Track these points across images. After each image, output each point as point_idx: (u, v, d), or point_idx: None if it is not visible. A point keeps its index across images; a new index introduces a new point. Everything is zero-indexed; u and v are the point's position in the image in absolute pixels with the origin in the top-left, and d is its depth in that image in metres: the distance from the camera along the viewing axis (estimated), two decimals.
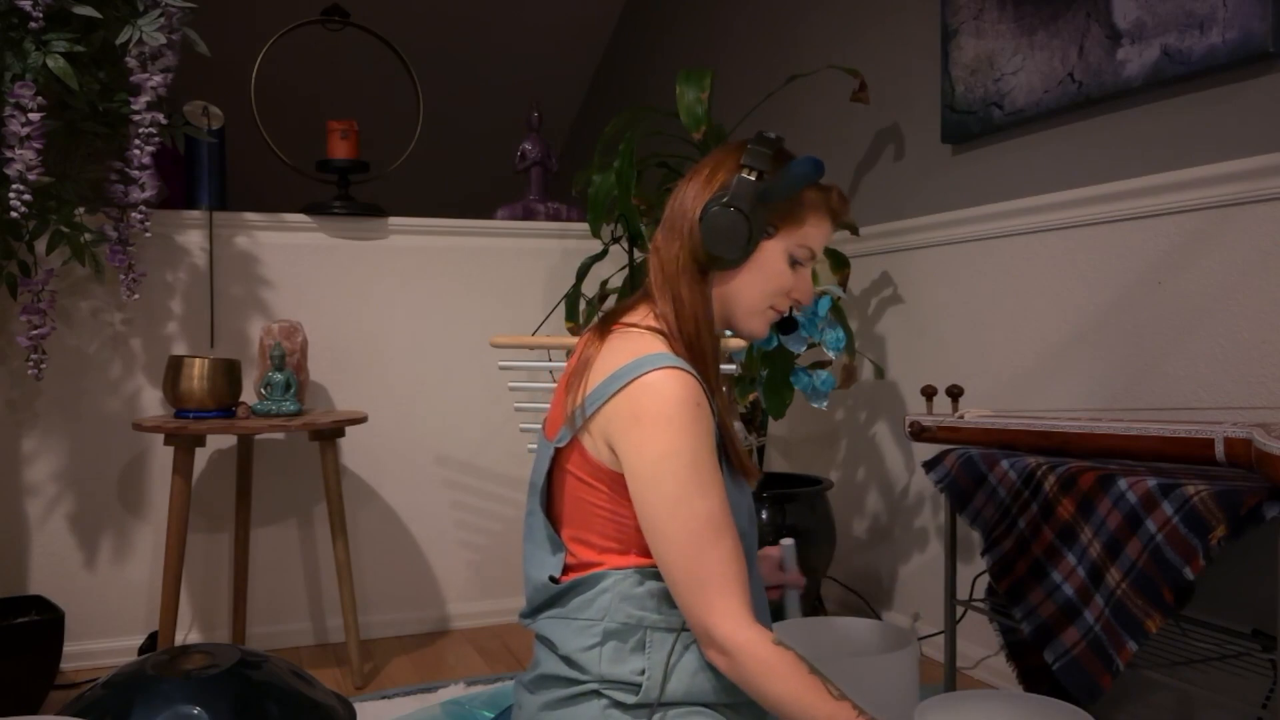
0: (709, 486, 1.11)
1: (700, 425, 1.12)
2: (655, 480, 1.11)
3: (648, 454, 1.11)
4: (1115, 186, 1.93)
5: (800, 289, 1.25)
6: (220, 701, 1.50)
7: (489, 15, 4.38)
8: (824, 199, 1.24)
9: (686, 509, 1.10)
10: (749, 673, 1.08)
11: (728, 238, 1.19)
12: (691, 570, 1.10)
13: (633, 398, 1.12)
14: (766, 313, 1.25)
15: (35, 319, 2.18)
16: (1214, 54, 1.72)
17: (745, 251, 1.20)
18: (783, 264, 1.23)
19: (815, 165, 1.22)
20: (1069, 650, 1.51)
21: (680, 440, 1.11)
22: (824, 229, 1.25)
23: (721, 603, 1.09)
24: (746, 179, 1.19)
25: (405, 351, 2.75)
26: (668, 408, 1.11)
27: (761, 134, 1.25)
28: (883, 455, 2.66)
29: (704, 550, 1.10)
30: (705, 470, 1.12)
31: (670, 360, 1.14)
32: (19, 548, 2.41)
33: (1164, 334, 1.85)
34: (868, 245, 2.68)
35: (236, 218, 2.58)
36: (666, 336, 1.20)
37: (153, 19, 2.00)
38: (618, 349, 1.18)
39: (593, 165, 2.54)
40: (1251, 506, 1.30)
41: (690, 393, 1.12)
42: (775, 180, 1.20)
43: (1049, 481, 1.61)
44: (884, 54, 2.65)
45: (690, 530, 1.10)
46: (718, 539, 1.10)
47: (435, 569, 2.78)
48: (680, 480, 1.10)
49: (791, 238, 1.23)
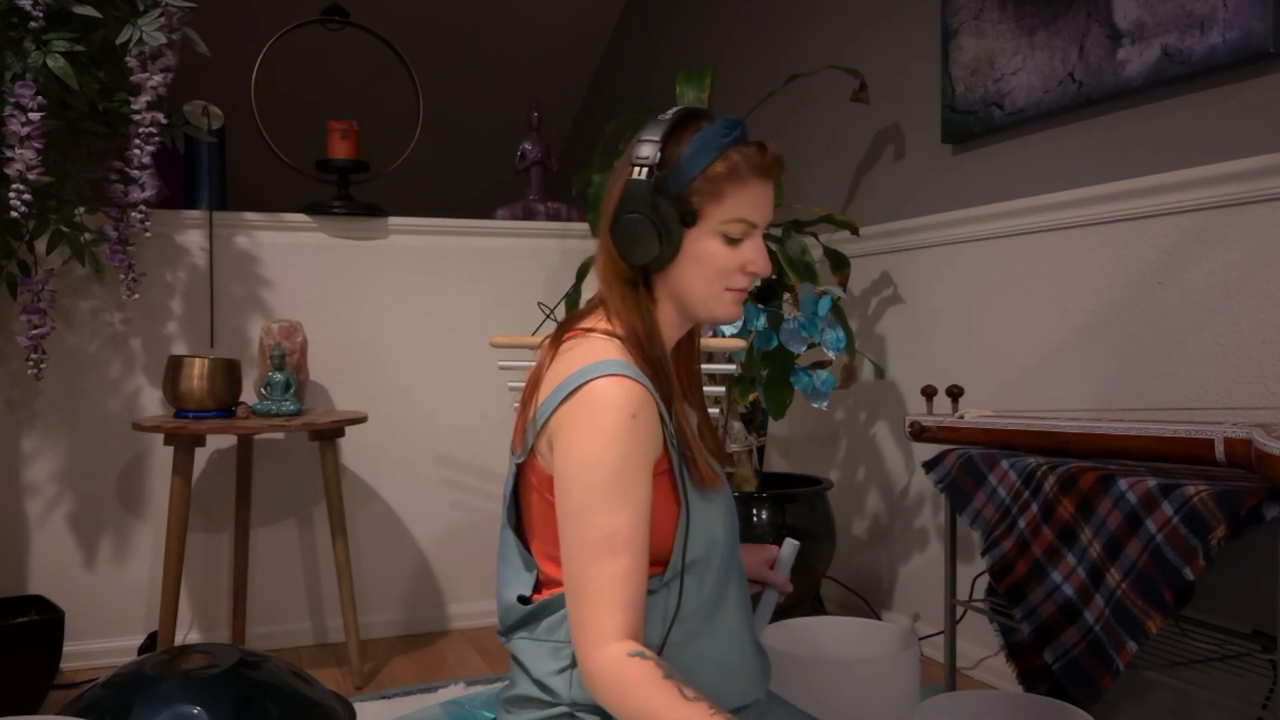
0: (621, 504, 1.05)
1: (633, 437, 1.06)
2: (568, 487, 1.07)
3: (570, 459, 1.07)
4: (1115, 186, 1.93)
5: (752, 261, 1.14)
6: (220, 701, 1.50)
7: (489, 15, 4.38)
8: (739, 162, 1.11)
9: (589, 520, 1.05)
10: (600, 691, 1.03)
11: (637, 244, 1.11)
12: (578, 583, 1.05)
13: (571, 406, 1.08)
14: (724, 295, 1.16)
15: (35, 319, 2.18)
16: (1214, 54, 1.72)
17: (665, 250, 1.11)
18: (717, 246, 1.13)
19: (721, 131, 1.11)
20: (1069, 650, 1.51)
21: (604, 451, 1.05)
22: (752, 193, 1.12)
23: (592, 621, 1.04)
24: (636, 179, 1.11)
25: (405, 351, 2.74)
26: (598, 416, 1.06)
27: (657, 116, 1.14)
28: (883, 455, 2.66)
29: (593, 565, 1.04)
30: (625, 486, 1.05)
31: (616, 367, 1.09)
32: (19, 548, 2.41)
33: (1164, 334, 1.85)
34: (868, 245, 2.68)
35: (236, 218, 2.58)
36: (624, 340, 1.14)
37: (153, 19, 2.00)
38: (567, 357, 1.13)
39: (593, 165, 2.54)
40: (1251, 506, 1.30)
41: (627, 402, 1.06)
42: (672, 168, 1.11)
43: (1049, 482, 1.61)
44: (884, 54, 2.65)
45: (585, 543, 1.05)
46: (612, 557, 1.04)
47: (435, 569, 2.78)
48: (591, 491, 1.05)
49: (716, 216, 1.12)
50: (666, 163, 1.11)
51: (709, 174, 1.11)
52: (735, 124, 1.12)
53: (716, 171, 1.11)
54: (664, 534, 1.12)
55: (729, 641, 1.18)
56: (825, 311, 2.16)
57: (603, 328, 1.16)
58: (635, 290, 1.15)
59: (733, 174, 1.11)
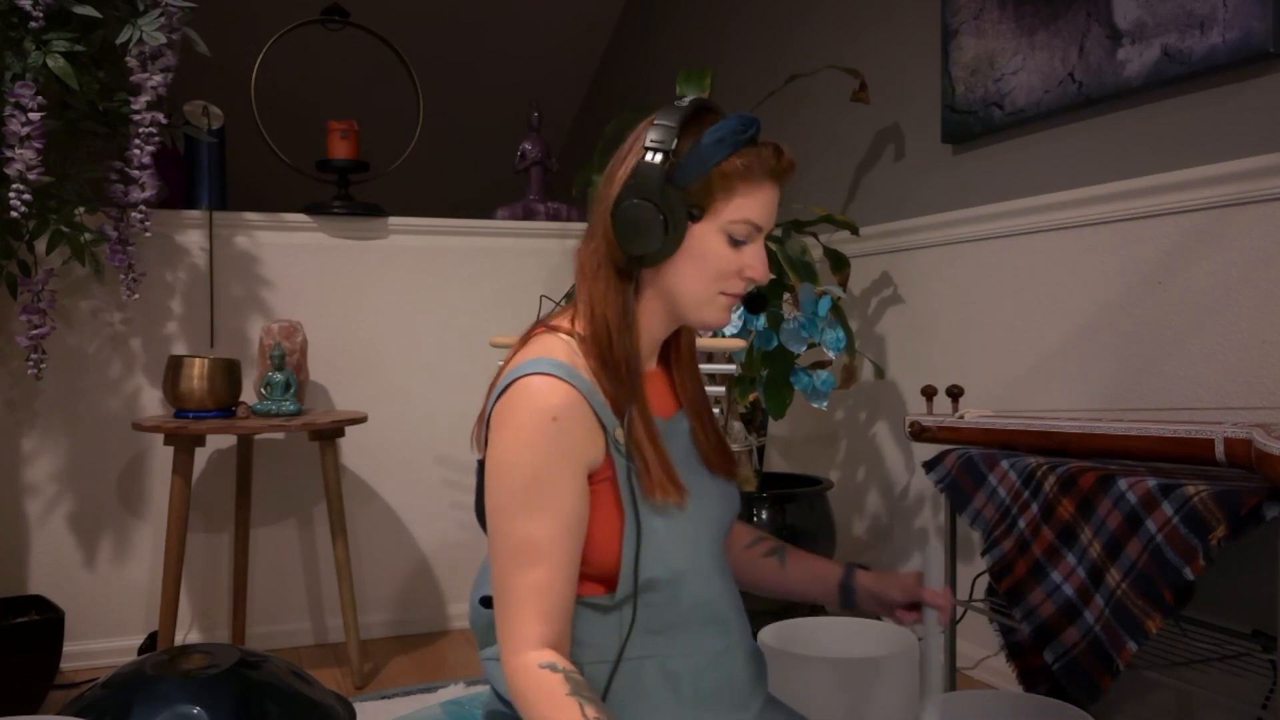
0: (538, 511, 1.01)
1: (555, 442, 1.02)
2: (489, 487, 1.04)
3: (491, 459, 1.04)
4: (1115, 186, 1.93)
5: (751, 266, 1.09)
6: (220, 701, 1.50)
7: (489, 15, 4.38)
8: (755, 162, 1.06)
9: (506, 525, 1.03)
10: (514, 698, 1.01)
11: (640, 233, 1.05)
12: (498, 588, 1.04)
13: (501, 404, 1.05)
14: (717, 299, 1.10)
15: (35, 319, 2.18)
16: (1214, 54, 1.72)
17: (667, 243, 1.06)
18: (720, 246, 1.07)
19: (739, 126, 1.06)
20: (1069, 650, 1.51)
21: (523, 454, 1.02)
22: (762, 195, 1.07)
23: (508, 628, 1.02)
24: (649, 163, 1.05)
25: (405, 351, 2.74)
26: (518, 416, 1.03)
27: (673, 103, 1.09)
28: (883, 455, 2.66)
29: (510, 573, 1.02)
30: (544, 492, 1.01)
31: (547, 366, 1.04)
32: (19, 548, 2.41)
33: (1164, 334, 1.85)
34: (868, 245, 2.68)
35: (236, 217, 2.58)
36: (585, 339, 1.09)
37: (153, 19, 2.00)
38: (518, 354, 1.10)
39: (593, 165, 2.54)
40: (1251, 506, 1.30)
41: (549, 404, 1.02)
42: (686, 158, 1.05)
43: (1049, 482, 1.61)
44: (884, 54, 2.65)
45: (503, 548, 1.03)
46: (529, 566, 1.01)
47: (435, 569, 2.78)
48: (508, 494, 1.02)
49: (723, 214, 1.06)
50: (680, 151, 1.06)
51: (723, 169, 1.05)
52: (753, 121, 1.08)
53: (732, 167, 1.05)
54: (607, 548, 1.07)
55: (713, 663, 1.13)
56: (825, 311, 2.16)
57: (564, 326, 1.13)
58: (625, 282, 1.09)
59: (746, 173, 1.06)
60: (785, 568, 1.31)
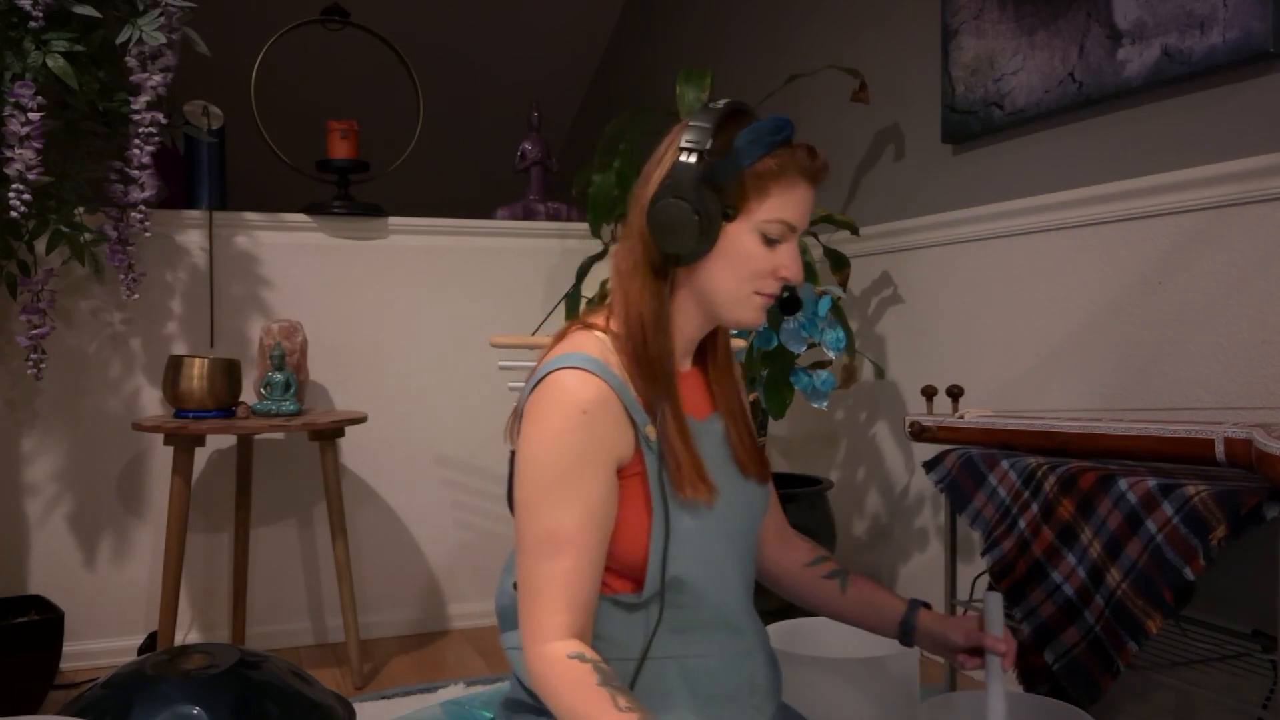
0: (567, 503, 1.03)
1: (585, 435, 1.04)
2: (518, 478, 1.07)
3: (522, 450, 1.07)
4: (1115, 186, 1.93)
5: (786, 266, 1.11)
6: (220, 701, 1.50)
7: (489, 15, 4.38)
8: (790, 162, 1.09)
9: (533, 515, 1.05)
10: (539, 687, 1.02)
11: (675, 232, 1.07)
12: (524, 577, 1.05)
13: (534, 396, 1.08)
14: (752, 299, 1.12)
15: (35, 319, 2.18)
16: (1214, 54, 1.72)
17: (701, 243, 1.08)
18: (754, 245, 1.09)
19: (773, 128, 1.08)
20: (1069, 650, 1.51)
21: (551, 449, 1.04)
22: (796, 195, 1.10)
23: (534, 617, 1.03)
24: (685, 163, 1.07)
25: (405, 351, 2.74)
26: (548, 409, 1.05)
27: (706, 104, 1.12)
28: (883, 455, 2.66)
29: (537, 562, 1.04)
30: (572, 485, 1.04)
31: (579, 361, 1.06)
32: (19, 548, 2.41)
33: (1164, 334, 1.85)
34: (868, 245, 2.68)
35: (236, 217, 2.58)
36: (619, 337, 1.12)
37: (153, 19, 2.00)
38: (553, 350, 1.12)
39: (593, 165, 2.54)
40: (1251, 506, 1.30)
41: (580, 398, 1.04)
42: (722, 157, 1.07)
43: (1049, 482, 1.61)
44: (884, 54, 2.65)
45: (530, 538, 1.05)
46: (555, 556, 1.03)
47: (435, 569, 2.78)
48: (537, 487, 1.05)
49: (757, 214, 1.09)
50: (715, 152, 1.08)
51: (757, 169, 1.08)
52: (786, 123, 1.10)
53: (766, 168, 1.08)
54: (635, 544, 1.08)
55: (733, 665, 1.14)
56: (825, 311, 2.15)
57: (599, 324, 1.15)
58: (660, 282, 1.11)
59: (781, 173, 1.08)
60: (846, 594, 1.31)
